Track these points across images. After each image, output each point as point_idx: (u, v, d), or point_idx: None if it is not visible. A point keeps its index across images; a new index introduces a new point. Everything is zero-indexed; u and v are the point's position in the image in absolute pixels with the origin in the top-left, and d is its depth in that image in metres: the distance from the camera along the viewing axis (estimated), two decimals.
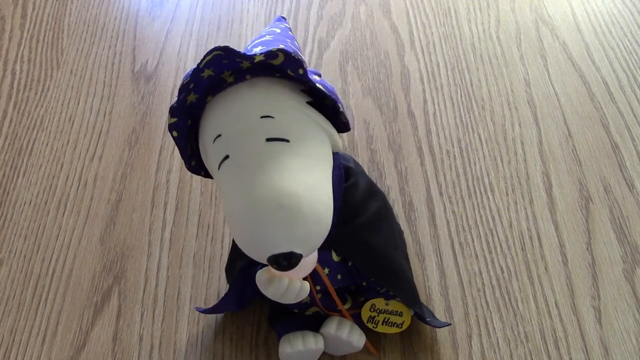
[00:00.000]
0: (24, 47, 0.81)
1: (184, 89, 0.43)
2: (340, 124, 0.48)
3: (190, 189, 0.66)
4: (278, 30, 0.50)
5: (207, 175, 0.50)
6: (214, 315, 0.57)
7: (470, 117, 0.70)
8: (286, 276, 0.45)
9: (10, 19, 0.85)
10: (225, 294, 0.53)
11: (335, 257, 0.50)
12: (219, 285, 0.59)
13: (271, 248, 0.41)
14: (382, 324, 0.52)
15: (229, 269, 0.54)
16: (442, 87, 0.73)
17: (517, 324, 0.55)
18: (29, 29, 0.84)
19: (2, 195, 0.67)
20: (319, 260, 0.48)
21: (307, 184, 0.41)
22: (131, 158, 0.69)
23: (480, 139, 0.68)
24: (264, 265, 0.46)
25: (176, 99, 0.44)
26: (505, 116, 0.70)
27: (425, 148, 0.68)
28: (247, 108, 0.43)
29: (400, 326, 0.52)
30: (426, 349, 0.54)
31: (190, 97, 0.44)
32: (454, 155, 0.67)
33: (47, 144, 0.71)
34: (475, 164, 0.66)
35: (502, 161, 0.66)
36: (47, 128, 0.72)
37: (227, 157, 0.43)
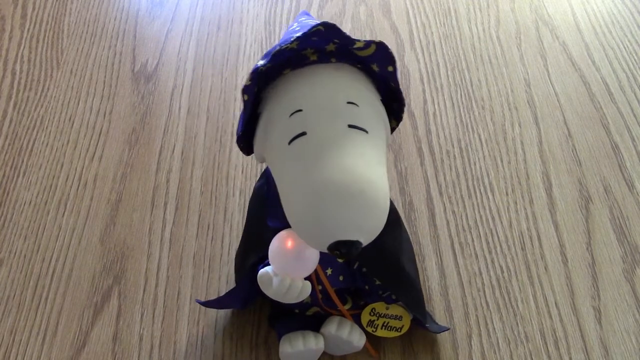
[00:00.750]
0: (24, 47, 0.81)
1: (272, 55, 0.42)
2: (390, 127, 0.48)
3: (190, 189, 0.66)
4: (296, 25, 0.49)
5: (244, 149, 0.48)
6: (214, 315, 0.57)
7: (470, 117, 0.70)
8: (288, 276, 0.45)
9: (10, 19, 0.85)
10: (232, 289, 0.52)
11: (339, 259, 0.49)
12: (219, 285, 0.59)
13: (339, 234, 0.39)
14: (382, 328, 0.52)
15: (240, 266, 0.53)
16: (442, 87, 0.73)
17: (517, 324, 0.55)
18: (29, 29, 0.84)
19: (2, 195, 0.67)
20: (324, 260, 0.48)
21: (382, 176, 0.41)
22: (131, 158, 0.69)
23: (480, 139, 0.68)
24: (266, 265, 0.46)
25: (263, 61, 0.42)
26: (505, 116, 0.70)
27: (425, 148, 0.68)
28: (335, 90, 0.43)
29: (399, 330, 0.52)
30: (426, 349, 0.54)
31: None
32: (454, 155, 0.67)
33: (47, 144, 0.71)
34: (475, 164, 0.66)
35: (502, 161, 0.66)
36: (47, 128, 0.72)
37: (303, 133, 0.42)
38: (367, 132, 0.42)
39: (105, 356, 0.55)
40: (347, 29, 0.81)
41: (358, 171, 0.40)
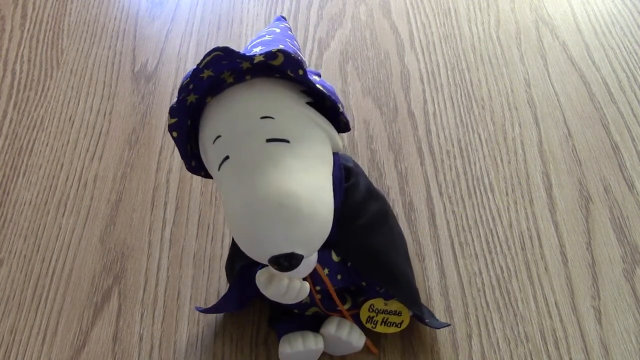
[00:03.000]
0: (24, 47, 0.81)
1: (183, 90, 0.43)
2: (341, 124, 0.48)
3: (190, 189, 0.66)
4: (278, 30, 0.50)
5: (207, 175, 0.50)
6: (214, 315, 0.57)
7: (470, 117, 0.70)
8: (286, 276, 0.45)
9: (10, 19, 0.85)
10: (225, 294, 0.53)
11: (334, 257, 0.49)
12: (219, 285, 0.59)
13: (272, 249, 0.41)
14: (381, 324, 0.52)
15: (229, 269, 0.54)
16: (442, 87, 0.73)
17: (517, 324, 0.55)
18: (29, 29, 0.84)
19: (2, 195, 0.67)
20: (319, 261, 0.48)
21: (307, 184, 0.41)
22: (131, 158, 0.69)
23: (480, 139, 0.68)
24: (264, 266, 0.46)
25: (176, 99, 0.44)
26: (505, 116, 0.70)
27: (425, 148, 0.68)
28: (247, 108, 0.43)
29: (399, 326, 0.52)
30: (426, 349, 0.54)
31: (190, 97, 0.44)
32: (454, 155, 0.67)
33: (47, 144, 0.71)
34: (475, 164, 0.66)
35: (502, 161, 0.66)
36: (47, 128, 0.72)
37: (227, 157, 0.43)
38: (288, 142, 0.43)
39: (105, 356, 0.55)
40: (347, 29, 0.81)
41: (276, 186, 0.40)
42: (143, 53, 0.80)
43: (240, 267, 0.51)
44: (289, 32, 0.51)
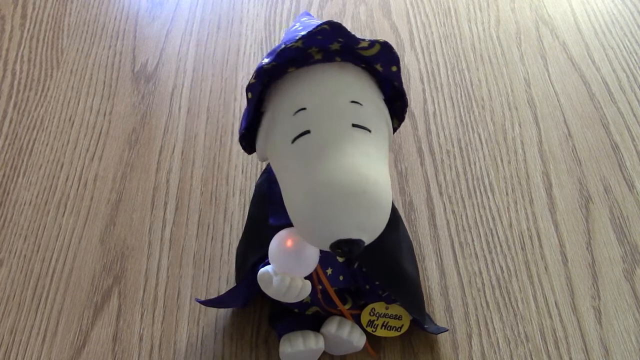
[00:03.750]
0: (24, 47, 0.81)
1: (277, 54, 0.42)
2: (393, 127, 0.48)
3: (190, 189, 0.66)
4: (298, 24, 0.49)
5: (246, 147, 0.48)
6: (214, 315, 0.57)
7: (470, 117, 0.70)
8: (288, 275, 0.45)
9: (10, 19, 0.85)
10: (233, 288, 0.52)
11: (339, 258, 0.49)
12: (219, 285, 0.59)
13: (341, 232, 0.40)
14: (381, 328, 0.52)
15: (240, 265, 0.53)
16: (442, 87, 0.73)
17: (517, 324, 0.55)
18: (29, 29, 0.84)
19: (2, 195, 0.67)
20: (324, 260, 0.48)
21: (384, 175, 0.41)
22: (131, 158, 0.69)
23: (480, 139, 0.68)
24: (266, 264, 0.46)
25: (267, 59, 0.42)
26: (505, 116, 0.70)
27: (425, 148, 0.68)
28: (340, 89, 0.43)
29: (399, 330, 0.52)
30: (426, 349, 0.54)
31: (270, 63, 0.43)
32: (454, 155, 0.67)
33: (47, 144, 0.71)
34: (475, 164, 0.66)
35: (502, 161, 0.66)
36: (47, 128, 0.72)
37: (307, 132, 0.42)
38: (370, 131, 0.42)
39: (105, 356, 0.55)
40: (347, 29, 0.81)
41: (361, 171, 0.40)
42: (143, 53, 0.80)
43: (253, 263, 0.50)
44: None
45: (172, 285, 0.59)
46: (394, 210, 0.52)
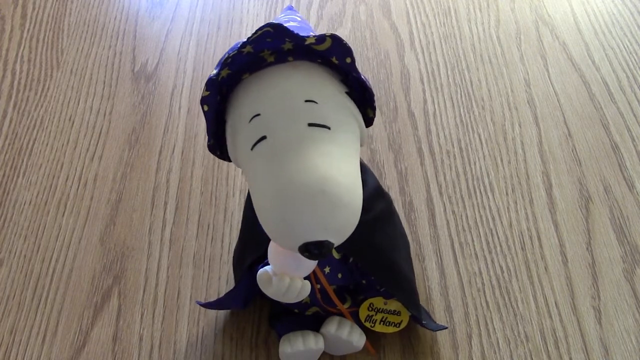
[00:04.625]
0: (24, 47, 0.81)
1: (222, 63, 0.42)
2: (367, 118, 0.48)
3: (190, 189, 0.66)
4: (299, 19, 0.49)
5: (222, 156, 0.49)
6: (214, 315, 0.57)
7: (470, 117, 0.70)
8: (287, 275, 0.45)
9: (10, 19, 0.85)
10: (231, 290, 0.52)
11: (336, 255, 0.49)
12: (219, 285, 0.59)
13: (306, 235, 0.40)
14: (380, 323, 0.52)
15: (237, 266, 0.53)
16: (442, 87, 0.73)
17: (517, 324, 0.55)
18: (29, 29, 0.84)
19: (2, 195, 0.67)
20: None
21: (346, 173, 0.41)
22: (131, 158, 0.69)
23: (480, 139, 0.68)
24: (264, 265, 0.46)
25: (215, 70, 0.42)
26: (505, 116, 0.70)
27: (425, 148, 0.68)
28: (292, 90, 0.42)
29: (397, 325, 0.52)
30: (426, 349, 0.54)
31: (223, 72, 0.43)
32: (454, 155, 0.67)
33: (47, 144, 0.71)
34: (475, 164, 0.66)
35: (502, 161, 0.66)
36: (47, 128, 0.72)
37: (263, 137, 0.42)
38: (329, 128, 0.42)
39: (105, 356, 0.55)
40: (347, 29, 0.81)
41: (318, 171, 0.40)
42: (143, 53, 0.80)
43: (249, 264, 0.50)
44: (308, 23, 0.50)
45: (172, 285, 0.59)
46: (387, 207, 0.52)
